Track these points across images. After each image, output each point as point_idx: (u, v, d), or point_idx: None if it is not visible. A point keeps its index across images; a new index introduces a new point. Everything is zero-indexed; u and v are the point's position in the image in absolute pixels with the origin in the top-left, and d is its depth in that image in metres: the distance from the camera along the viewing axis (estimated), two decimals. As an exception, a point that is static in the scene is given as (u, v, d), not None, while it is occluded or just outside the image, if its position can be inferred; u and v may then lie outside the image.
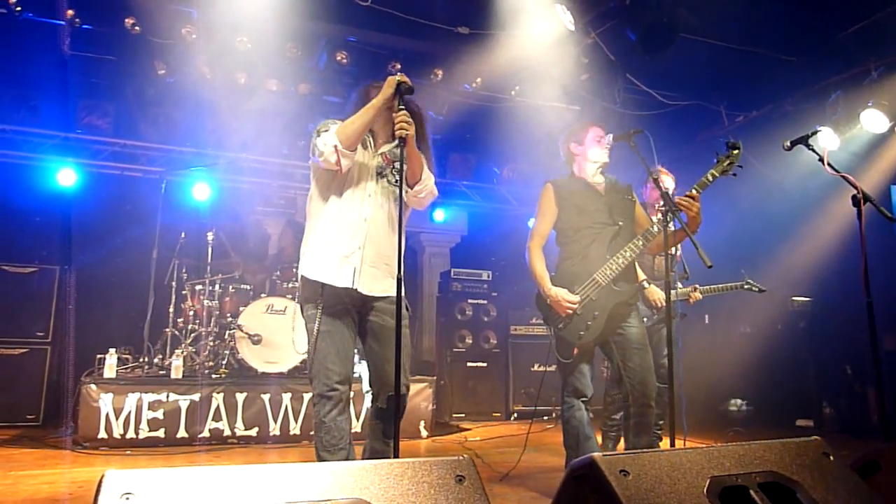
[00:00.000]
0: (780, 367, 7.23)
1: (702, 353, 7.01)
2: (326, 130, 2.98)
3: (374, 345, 3.08)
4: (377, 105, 2.94)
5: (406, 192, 3.08)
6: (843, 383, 7.07)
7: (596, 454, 1.54)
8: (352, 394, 3.17)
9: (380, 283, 3.05)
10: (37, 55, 6.27)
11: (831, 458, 1.75)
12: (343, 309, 3.02)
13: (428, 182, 3.14)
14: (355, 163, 3.05)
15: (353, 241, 2.99)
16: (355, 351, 3.12)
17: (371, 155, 3.15)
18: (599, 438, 4.35)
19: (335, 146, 2.91)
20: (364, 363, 3.42)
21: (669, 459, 1.59)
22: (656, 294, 4.56)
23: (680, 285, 4.80)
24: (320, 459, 2.93)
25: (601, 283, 3.60)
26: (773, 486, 1.62)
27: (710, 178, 3.44)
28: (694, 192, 3.41)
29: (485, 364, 7.95)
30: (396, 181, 3.01)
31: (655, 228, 3.49)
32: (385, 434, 3.03)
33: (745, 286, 4.94)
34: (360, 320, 3.10)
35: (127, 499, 1.27)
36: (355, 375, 5.02)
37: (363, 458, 3.05)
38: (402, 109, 2.90)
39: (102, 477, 1.29)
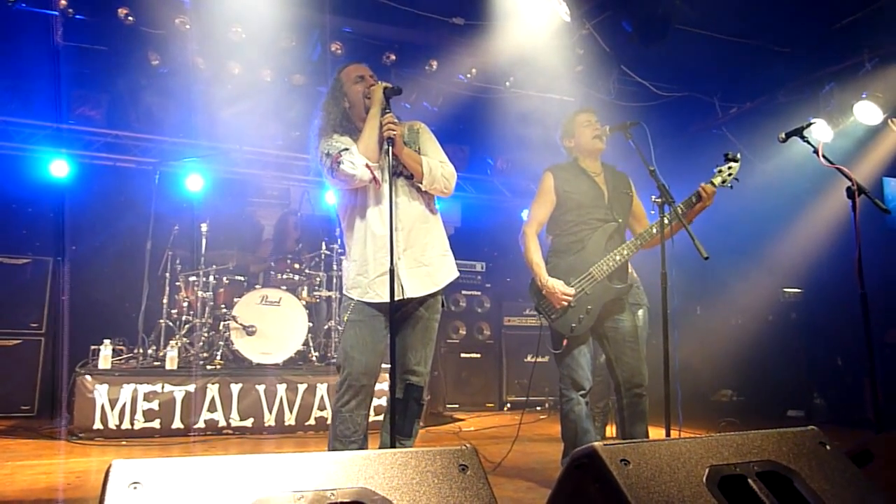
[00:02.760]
0: (771, 358, 7.28)
1: (693, 343, 7.05)
2: (332, 153, 3.00)
3: (405, 330, 3.11)
4: (377, 114, 3.02)
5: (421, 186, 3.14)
6: (834, 374, 7.13)
7: (596, 443, 1.56)
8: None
9: (420, 285, 3.07)
10: (29, 45, 6.22)
11: (828, 447, 1.77)
12: (379, 307, 3.04)
13: (434, 173, 3.13)
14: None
15: (390, 254, 2.84)
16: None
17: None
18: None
19: (367, 164, 2.97)
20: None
21: (669, 449, 1.61)
22: None
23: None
24: (331, 449, 2.94)
25: (597, 278, 3.61)
26: (770, 474, 1.64)
27: (710, 187, 3.51)
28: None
29: (478, 355, 7.99)
30: (409, 175, 3.12)
31: (654, 230, 3.51)
32: (401, 431, 3.02)
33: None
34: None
35: (135, 488, 1.28)
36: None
37: None
38: (387, 112, 3.01)
39: (110, 466, 1.30)
